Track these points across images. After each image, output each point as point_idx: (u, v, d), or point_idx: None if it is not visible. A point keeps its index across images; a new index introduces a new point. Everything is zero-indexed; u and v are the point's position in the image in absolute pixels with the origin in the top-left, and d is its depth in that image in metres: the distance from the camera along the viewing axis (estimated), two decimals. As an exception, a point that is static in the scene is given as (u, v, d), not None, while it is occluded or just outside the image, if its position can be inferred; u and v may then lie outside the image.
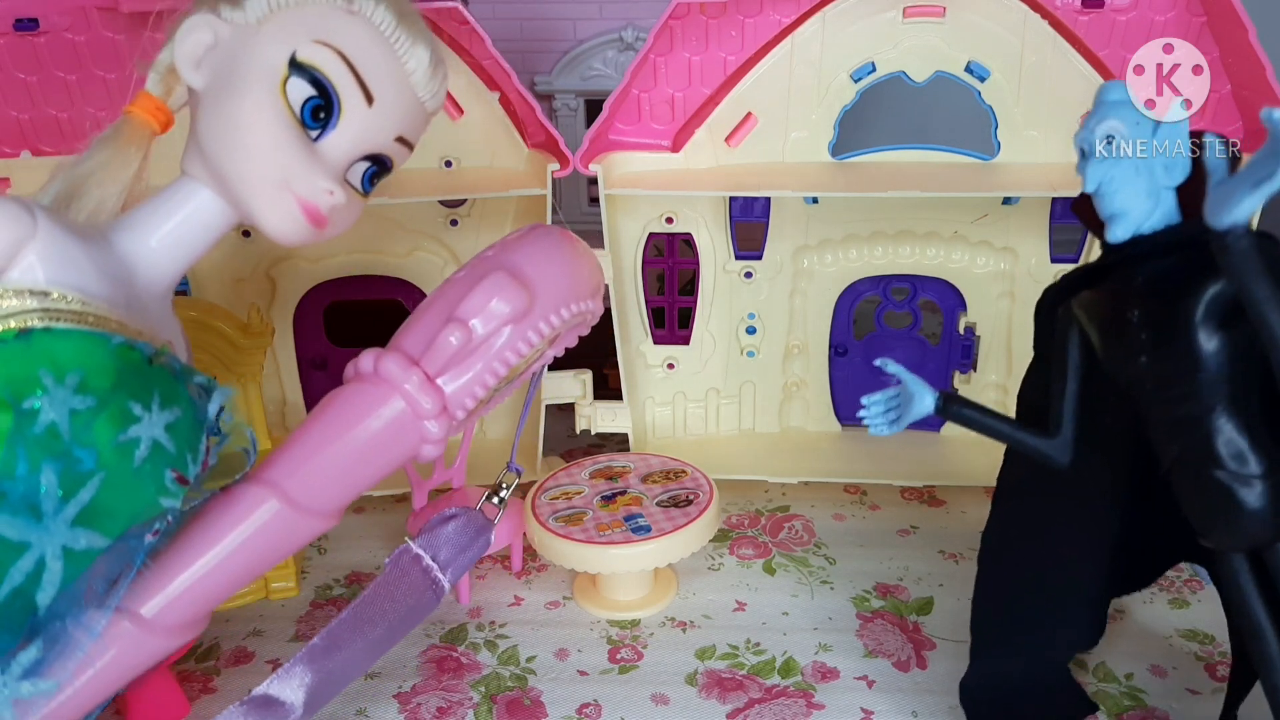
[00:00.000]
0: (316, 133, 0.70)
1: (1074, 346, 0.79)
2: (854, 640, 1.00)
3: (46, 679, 0.63)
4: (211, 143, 0.70)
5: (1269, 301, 0.62)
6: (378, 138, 0.73)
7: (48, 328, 0.61)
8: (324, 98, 0.69)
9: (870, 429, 0.84)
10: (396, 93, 0.73)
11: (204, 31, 0.70)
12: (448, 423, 0.76)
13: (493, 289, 0.75)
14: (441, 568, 0.81)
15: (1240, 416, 0.68)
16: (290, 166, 0.69)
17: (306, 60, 0.69)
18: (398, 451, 0.76)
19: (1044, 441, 0.80)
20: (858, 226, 1.25)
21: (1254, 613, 0.70)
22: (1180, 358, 0.68)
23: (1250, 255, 0.62)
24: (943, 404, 0.81)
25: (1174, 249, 0.71)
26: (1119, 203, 0.71)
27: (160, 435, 0.64)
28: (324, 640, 0.76)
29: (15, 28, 1.03)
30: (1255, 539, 0.68)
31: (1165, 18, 1.07)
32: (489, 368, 0.76)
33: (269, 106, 0.68)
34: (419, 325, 0.77)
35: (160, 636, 0.69)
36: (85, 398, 0.60)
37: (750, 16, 1.12)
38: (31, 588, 0.60)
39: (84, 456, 0.60)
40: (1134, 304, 0.71)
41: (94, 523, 0.61)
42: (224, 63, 0.70)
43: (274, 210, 0.71)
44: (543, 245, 0.81)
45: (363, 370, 0.76)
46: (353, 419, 0.74)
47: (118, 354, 0.63)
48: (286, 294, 1.25)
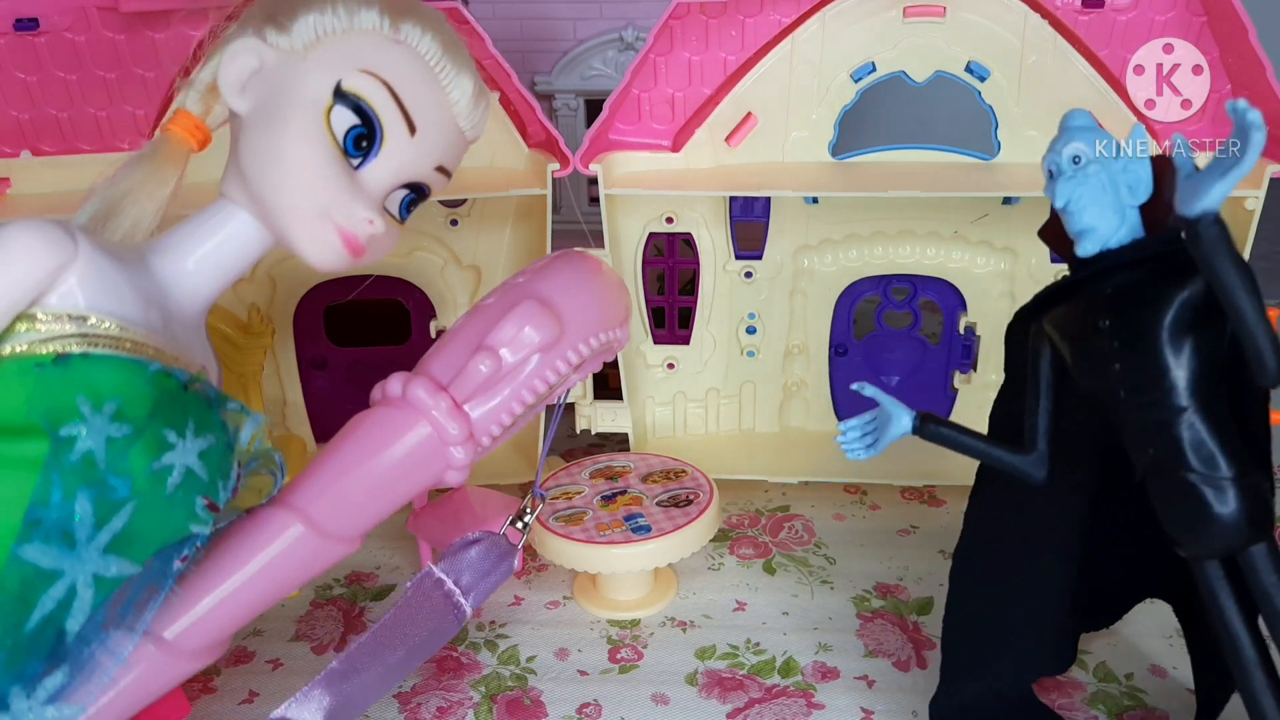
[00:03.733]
0: (358, 161, 0.70)
1: (1045, 364, 0.79)
2: (854, 640, 1.00)
3: (72, 704, 0.63)
4: (253, 169, 0.70)
5: (1238, 287, 0.63)
6: (418, 167, 0.73)
7: (85, 353, 0.61)
8: (367, 127, 0.69)
9: (848, 455, 0.84)
10: (439, 123, 0.73)
11: (250, 56, 0.69)
12: (474, 449, 0.76)
13: (524, 318, 0.75)
14: (464, 592, 0.81)
15: (1210, 420, 0.68)
16: (332, 196, 0.69)
17: (351, 89, 0.68)
18: (423, 477, 0.76)
19: (1019, 458, 0.80)
20: (858, 226, 1.25)
21: (1230, 623, 0.70)
22: (1150, 363, 0.69)
23: (1220, 241, 0.64)
24: (920, 424, 0.81)
25: (1141, 262, 0.72)
26: (1087, 219, 0.73)
27: (193, 463, 0.64)
28: (343, 664, 0.75)
29: (15, 28, 1.03)
30: (1228, 544, 0.69)
31: (1165, 18, 1.07)
32: (516, 395, 0.76)
33: (313, 135, 0.68)
34: (448, 351, 0.77)
35: (182, 660, 0.69)
36: (122, 425, 0.60)
37: (750, 16, 1.12)
38: (62, 615, 0.60)
39: (118, 485, 0.60)
40: (1104, 314, 0.72)
41: (125, 550, 0.62)
42: (268, 88, 0.69)
43: (314, 239, 0.71)
44: (573, 273, 0.80)
45: (390, 394, 0.75)
46: (379, 443, 0.74)
47: (155, 381, 0.63)
48: (286, 294, 1.25)
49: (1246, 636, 0.70)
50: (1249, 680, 0.70)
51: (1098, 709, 0.90)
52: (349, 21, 0.70)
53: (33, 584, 0.59)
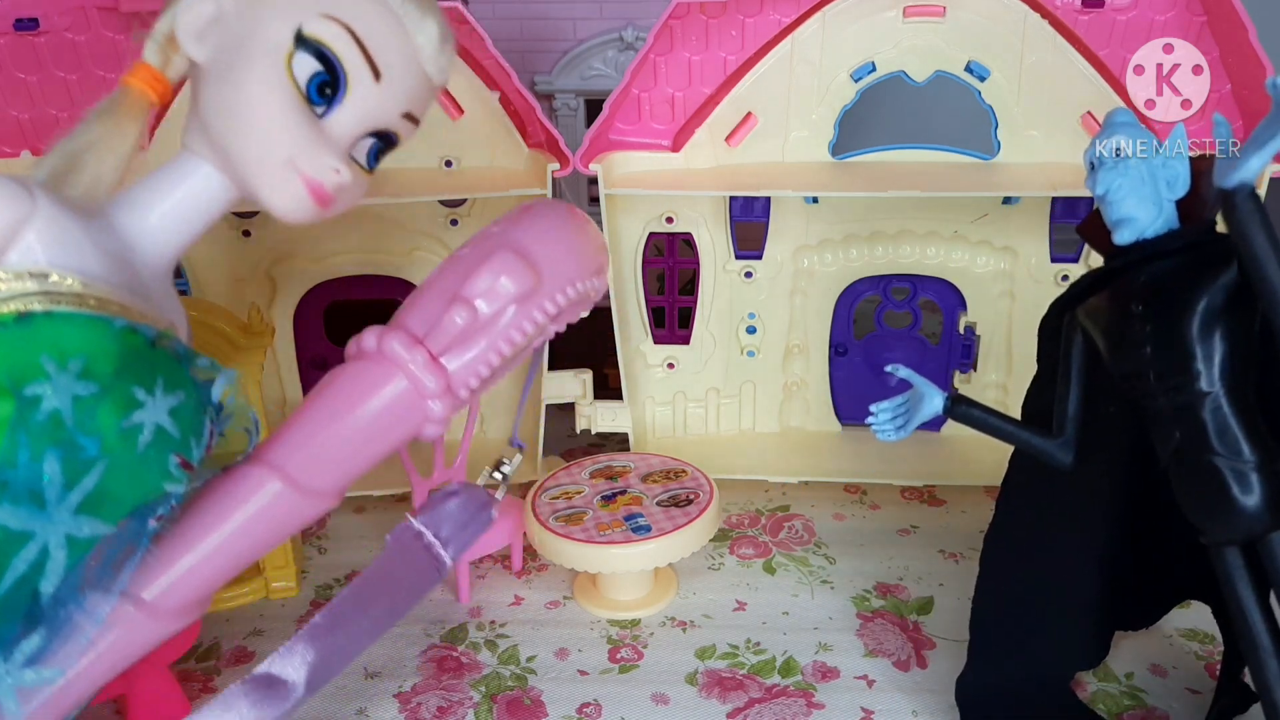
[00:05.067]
0: (322, 109, 0.68)
1: (1077, 352, 0.81)
2: (854, 640, 1.00)
3: (50, 667, 0.62)
4: (215, 119, 0.68)
5: (1270, 260, 0.66)
6: (385, 114, 0.71)
7: (48, 311, 0.59)
8: (331, 74, 0.68)
9: (879, 436, 0.87)
10: (405, 68, 0.71)
11: (207, 3, 0.68)
12: (451, 402, 0.74)
13: (499, 268, 0.73)
14: (443, 544, 0.80)
15: (1237, 406, 0.70)
16: (296, 145, 0.68)
17: (313, 35, 0.67)
18: (401, 430, 0.75)
19: (1047, 442, 0.82)
20: (858, 226, 1.25)
21: (1247, 613, 0.71)
22: (1180, 347, 0.71)
23: (1255, 213, 0.66)
24: (951, 405, 0.83)
25: (1177, 252, 0.74)
26: (1126, 209, 0.75)
27: (164, 420, 0.62)
28: (325, 618, 0.74)
29: (15, 28, 1.03)
30: (1249, 530, 0.70)
31: (1165, 18, 1.07)
32: (493, 346, 0.74)
33: (275, 83, 0.66)
34: (423, 303, 0.76)
35: (162, 620, 0.68)
36: (88, 384, 0.59)
37: (750, 16, 1.12)
38: (35, 577, 0.59)
39: (87, 444, 0.59)
40: (1138, 300, 0.74)
41: (97, 510, 0.60)
42: (228, 36, 0.68)
43: (280, 189, 0.69)
44: (549, 222, 0.79)
45: (365, 348, 0.74)
46: (355, 398, 0.73)
47: (121, 338, 0.61)
48: (286, 294, 1.25)
49: (1263, 626, 0.71)
50: (1263, 670, 0.71)
51: (1097, 709, 0.89)
52: None
53: (3, 546, 0.58)
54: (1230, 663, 0.86)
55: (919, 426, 0.86)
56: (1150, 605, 0.93)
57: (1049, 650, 0.88)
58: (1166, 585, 0.90)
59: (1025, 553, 0.86)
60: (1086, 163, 0.78)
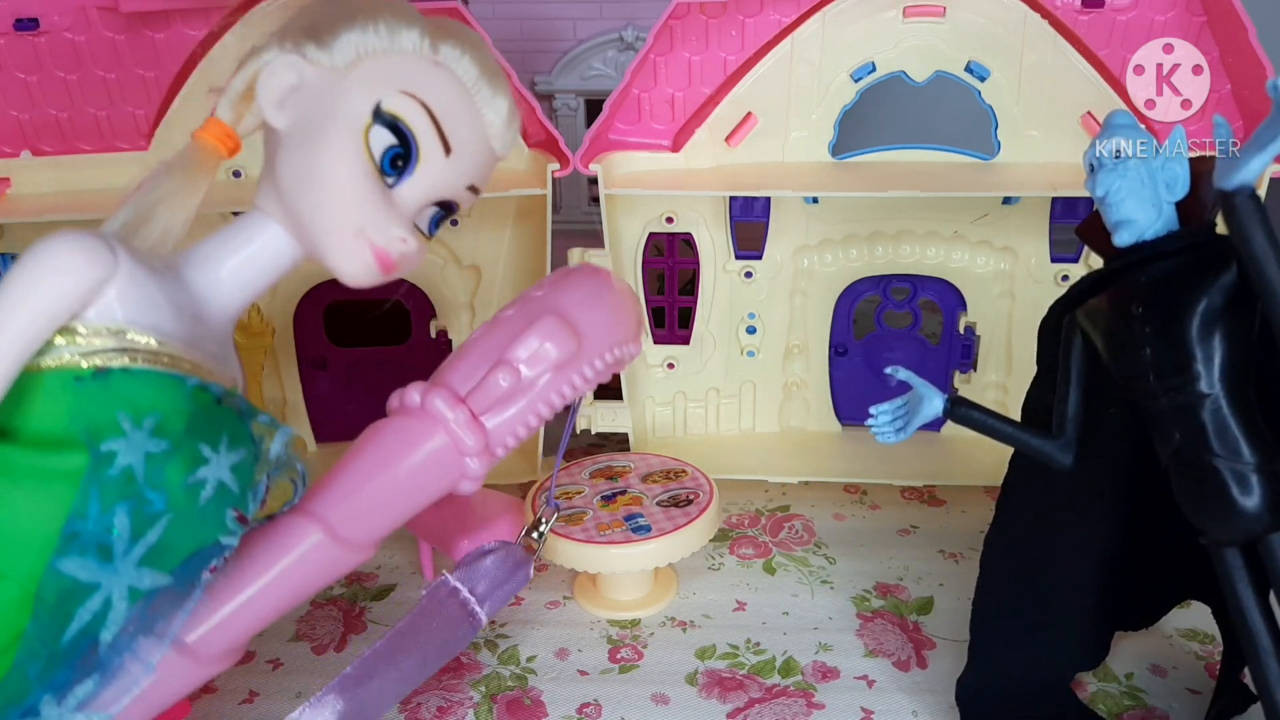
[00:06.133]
0: (393, 180, 0.70)
1: (1077, 354, 0.82)
2: (854, 640, 1.00)
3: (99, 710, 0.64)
4: (291, 185, 0.70)
5: (1270, 259, 0.66)
6: (452, 186, 0.74)
7: (125, 368, 0.61)
8: (404, 147, 0.70)
9: (878, 438, 0.87)
10: (474, 143, 0.73)
11: (290, 72, 0.69)
12: (489, 460, 0.76)
13: (545, 333, 0.76)
14: (479, 601, 0.82)
15: (1236, 407, 0.70)
16: (367, 216, 0.70)
17: (391, 110, 0.69)
18: (438, 486, 0.77)
19: (1047, 443, 0.82)
20: (858, 226, 1.25)
21: (1247, 612, 0.72)
22: (1180, 348, 0.71)
23: (1255, 214, 0.66)
24: (951, 406, 0.84)
25: (1176, 253, 0.74)
26: (1125, 210, 0.75)
27: (226, 476, 0.64)
28: (357, 670, 0.76)
29: (15, 28, 1.03)
30: (1249, 530, 0.70)
31: (1165, 18, 1.07)
32: (532, 408, 0.77)
33: (351, 155, 0.68)
34: (466, 362, 0.78)
35: (202, 664, 0.70)
36: (160, 441, 0.61)
37: (750, 16, 1.12)
38: (97, 627, 0.61)
39: (155, 499, 0.61)
40: (1138, 301, 0.74)
41: (158, 562, 0.62)
42: (308, 106, 0.70)
43: (349, 257, 0.71)
44: (591, 288, 0.81)
45: (409, 404, 0.76)
46: (398, 453, 0.75)
47: (192, 397, 0.64)
48: (286, 294, 1.25)
49: (1262, 626, 0.71)
50: (1263, 670, 0.71)
51: (1097, 709, 0.89)
52: (390, 41, 0.70)
53: (70, 597, 0.60)
54: (1229, 663, 0.86)
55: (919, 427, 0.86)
56: (1150, 605, 0.93)
57: (1049, 651, 0.88)
58: (1166, 586, 0.90)
59: (1025, 553, 0.86)
60: (1086, 165, 0.79)
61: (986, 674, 0.88)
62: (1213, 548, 0.73)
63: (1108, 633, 0.92)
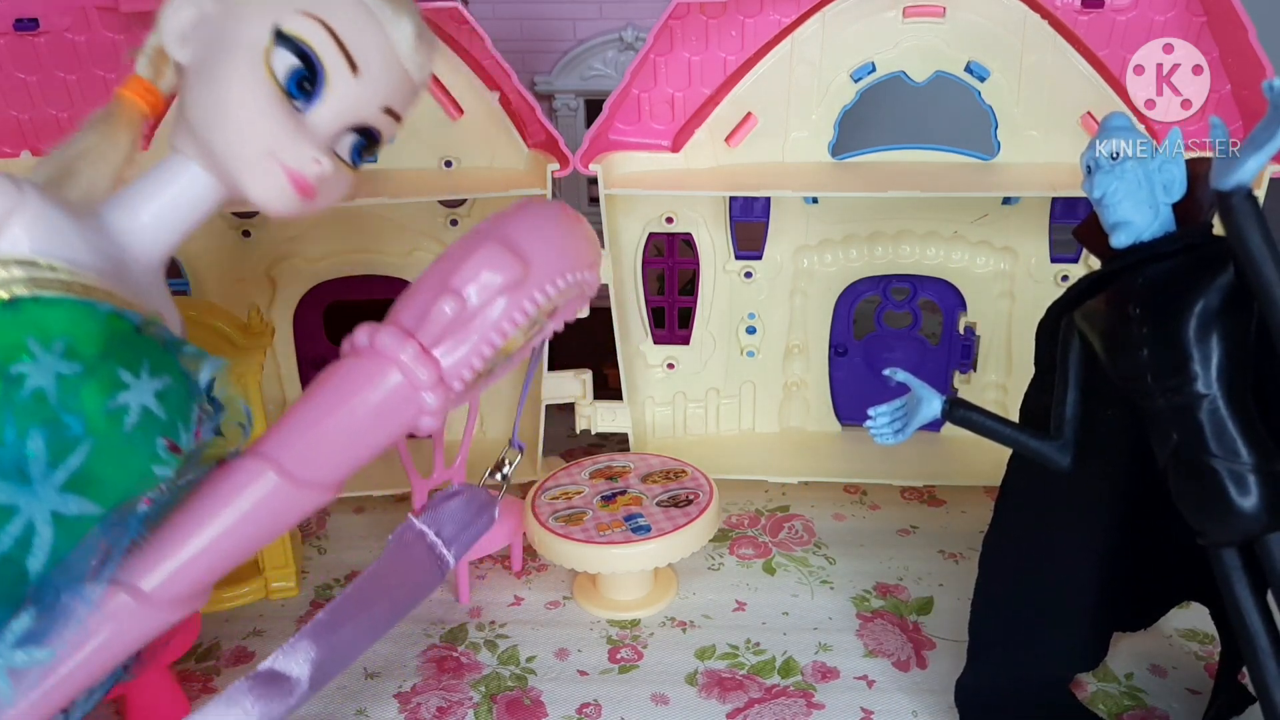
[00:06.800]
0: (302, 104, 0.70)
1: (1074, 356, 0.81)
2: (854, 640, 1.00)
3: (42, 649, 0.62)
4: (198, 116, 0.70)
5: (1266, 260, 0.66)
6: (364, 108, 0.73)
7: (35, 296, 0.61)
8: (309, 69, 0.69)
9: (877, 439, 0.87)
10: (382, 63, 0.73)
11: (189, 7, 0.70)
12: (445, 394, 0.75)
13: (485, 259, 0.74)
14: (446, 544, 0.80)
15: (1234, 408, 0.70)
16: (276, 137, 0.69)
17: (291, 31, 0.69)
18: (395, 423, 0.75)
19: (1045, 444, 0.82)
20: (858, 226, 1.25)
21: (1246, 613, 0.72)
22: (1177, 349, 0.71)
23: (1252, 215, 0.66)
24: (949, 408, 0.83)
25: (1174, 254, 0.74)
26: (1122, 212, 0.75)
27: (150, 402, 0.63)
28: (328, 616, 0.75)
29: (15, 28, 1.03)
30: (1247, 531, 0.70)
31: (1165, 18, 1.07)
32: (485, 338, 0.75)
33: (254, 78, 0.68)
34: (413, 299, 0.77)
35: (160, 610, 0.69)
36: (72, 364, 0.60)
37: (750, 16, 1.12)
38: (21, 554, 0.60)
39: (72, 422, 0.60)
40: (1135, 302, 0.74)
41: (85, 490, 0.61)
42: (209, 37, 0.70)
43: (262, 181, 0.71)
44: (536, 216, 0.80)
45: (358, 344, 0.75)
46: (348, 392, 0.74)
47: (106, 322, 0.63)
48: (286, 294, 1.25)
49: (1261, 626, 0.71)
50: (1262, 671, 0.71)
51: (1097, 709, 0.89)
52: None
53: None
54: (1228, 663, 0.86)
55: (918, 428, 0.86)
56: (1149, 606, 0.93)
57: (1048, 651, 0.88)
58: (1165, 586, 0.90)
59: (1024, 554, 0.86)
60: (1083, 166, 0.79)
61: (986, 674, 0.88)
62: (1211, 548, 0.73)
63: (1107, 633, 0.92)
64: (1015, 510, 0.87)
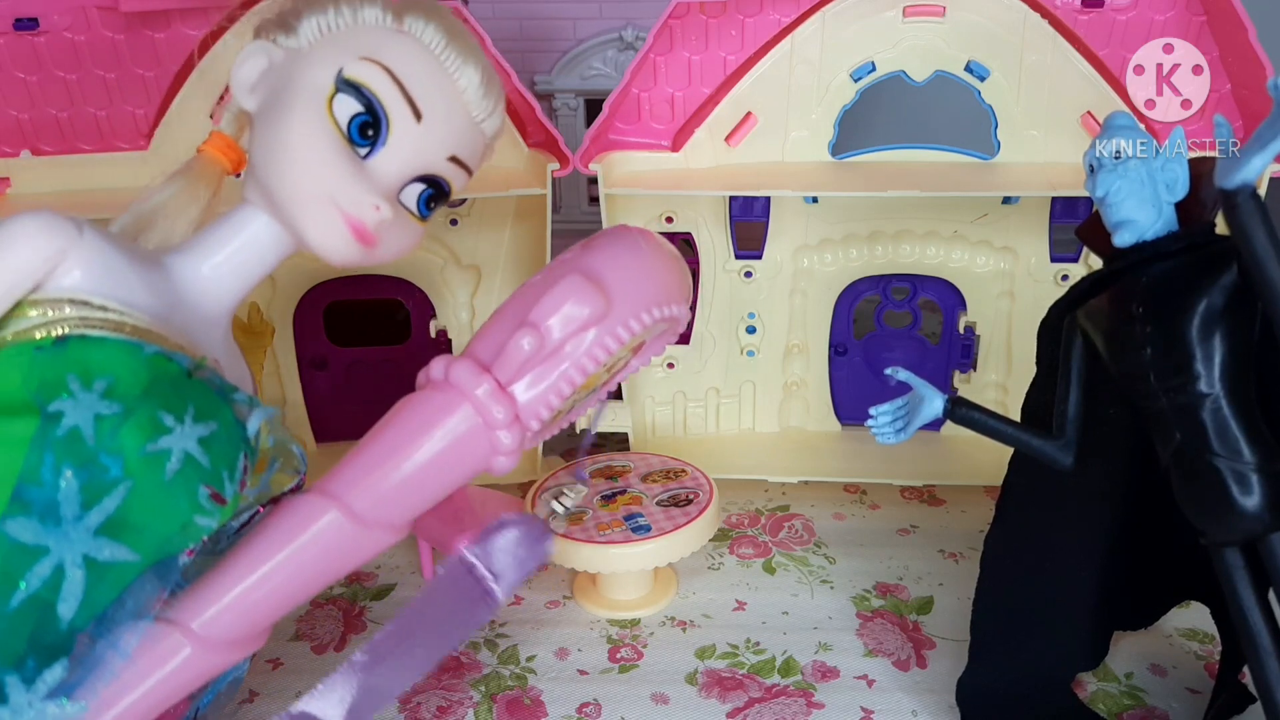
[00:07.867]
0: (365, 150, 0.70)
1: (1077, 355, 0.81)
2: (854, 640, 1.00)
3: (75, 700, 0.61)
4: (261, 160, 0.70)
5: (1271, 259, 0.66)
6: (428, 157, 0.72)
7: (83, 335, 0.61)
8: (371, 115, 0.69)
9: (878, 439, 0.86)
10: (447, 110, 0.72)
11: (259, 58, 0.71)
12: (521, 433, 0.72)
13: (567, 292, 0.71)
14: (496, 578, 0.76)
15: (1237, 407, 0.70)
16: (336, 182, 0.69)
17: (353, 77, 0.69)
18: (468, 463, 0.72)
19: (1047, 443, 0.82)
20: (858, 226, 1.25)
21: (1247, 613, 0.72)
22: (1180, 348, 0.71)
23: (1256, 213, 0.66)
24: (951, 407, 0.83)
25: (1177, 253, 0.74)
26: (1125, 211, 0.75)
27: (193, 448, 0.62)
28: (366, 655, 0.73)
29: (15, 27, 1.03)
30: (1249, 530, 0.70)
31: (1165, 17, 1.07)
32: (565, 375, 0.72)
33: (316, 123, 0.68)
34: (491, 331, 0.74)
35: (214, 651, 0.67)
36: (112, 404, 0.59)
37: (750, 16, 1.12)
38: (50, 596, 0.59)
39: (110, 464, 0.59)
40: (1138, 302, 0.74)
41: (121, 535, 0.60)
42: (276, 84, 0.70)
43: (320, 226, 0.70)
44: (622, 246, 0.76)
45: (433, 377, 0.72)
46: (420, 428, 0.71)
47: (151, 363, 0.62)
48: (286, 294, 1.25)
49: (1263, 626, 0.71)
50: (1263, 670, 0.71)
51: (1097, 708, 0.89)
52: (352, 18, 0.71)
53: (14, 559, 0.57)
54: (1229, 663, 0.86)
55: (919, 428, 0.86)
56: (1150, 605, 0.93)
57: (1049, 651, 0.88)
58: (1166, 586, 0.90)
59: (1025, 554, 0.86)
60: (1086, 165, 0.79)
61: (986, 674, 0.88)
62: (1213, 548, 0.73)
63: (1107, 632, 0.92)
64: (1017, 510, 0.87)
